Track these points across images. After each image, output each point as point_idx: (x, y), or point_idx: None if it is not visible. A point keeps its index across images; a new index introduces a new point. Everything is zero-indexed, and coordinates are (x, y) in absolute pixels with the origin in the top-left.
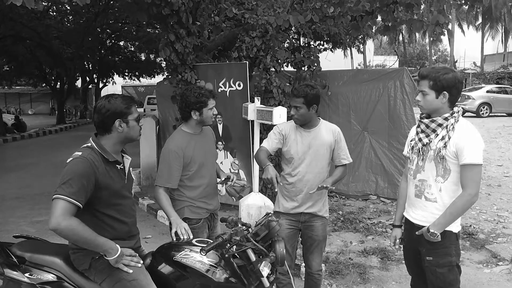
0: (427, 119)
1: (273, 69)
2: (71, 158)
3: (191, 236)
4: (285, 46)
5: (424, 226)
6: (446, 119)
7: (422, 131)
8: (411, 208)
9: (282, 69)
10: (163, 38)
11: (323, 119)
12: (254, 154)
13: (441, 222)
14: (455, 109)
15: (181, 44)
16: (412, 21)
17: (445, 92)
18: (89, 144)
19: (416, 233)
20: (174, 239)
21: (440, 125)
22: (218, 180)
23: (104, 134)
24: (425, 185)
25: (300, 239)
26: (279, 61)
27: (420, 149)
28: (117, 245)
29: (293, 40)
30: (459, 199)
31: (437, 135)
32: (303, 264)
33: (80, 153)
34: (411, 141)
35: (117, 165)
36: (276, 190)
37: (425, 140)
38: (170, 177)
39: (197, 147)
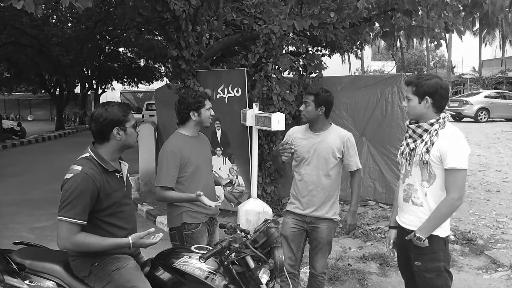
0: (414, 125)
1: (274, 76)
2: (71, 174)
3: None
4: (290, 50)
5: (412, 231)
6: (431, 124)
7: (410, 136)
8: (400, 213)
9: (283, 75)
10: (172, 42)
11: None
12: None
13: (426, 227)
14: (442, 114)
15: (188, 52)
16: (410, 27)
17: (427, 97)
18: (88, 155)
19: (406, 238)
20: (212, 205)
21: (426, 130)
22: (219, 186)
23: (102, 142)
24: (412, 190)
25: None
26: (280, 69)
27: (408, 154)
28: (126, 239)
29: (297, 44)
30: (442, 204)
31: (423, 140)
32: (302, 270)
33: (79, 168)
34: (401, 146)
35: (116, 174)
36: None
37: (412, 145)
38: (168, 176)
39: (194, 149)
